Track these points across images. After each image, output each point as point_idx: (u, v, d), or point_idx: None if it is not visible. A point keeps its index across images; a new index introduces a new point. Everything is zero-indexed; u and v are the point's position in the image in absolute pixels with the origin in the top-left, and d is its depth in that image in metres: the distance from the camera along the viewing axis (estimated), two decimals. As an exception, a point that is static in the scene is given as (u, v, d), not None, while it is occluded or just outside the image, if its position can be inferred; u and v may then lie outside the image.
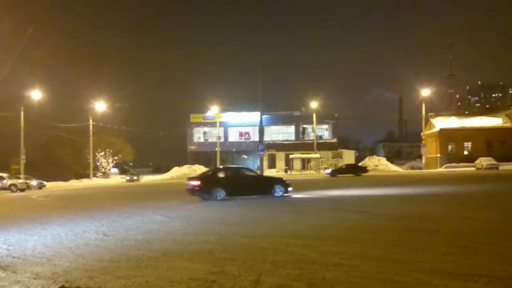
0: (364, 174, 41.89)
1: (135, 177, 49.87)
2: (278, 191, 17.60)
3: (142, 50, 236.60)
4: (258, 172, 27.64)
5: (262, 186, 18.06)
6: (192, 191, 17.38)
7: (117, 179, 54.04)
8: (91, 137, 51.92)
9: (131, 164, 77.06)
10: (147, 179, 53.20)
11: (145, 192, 26.42)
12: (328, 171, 45.38)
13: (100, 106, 53.22)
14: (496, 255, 6.00)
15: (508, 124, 59.08)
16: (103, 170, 57.57)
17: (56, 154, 57.61)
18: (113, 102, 55.51)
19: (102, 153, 56.93)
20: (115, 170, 65.64)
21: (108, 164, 58.39)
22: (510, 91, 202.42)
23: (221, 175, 18.40)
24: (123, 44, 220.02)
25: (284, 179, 19.11)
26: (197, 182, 17.45)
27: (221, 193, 16.92)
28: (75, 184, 45.34)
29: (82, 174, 53.38)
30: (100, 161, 56.86)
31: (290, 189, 18.07)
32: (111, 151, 58.12)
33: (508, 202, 13.86)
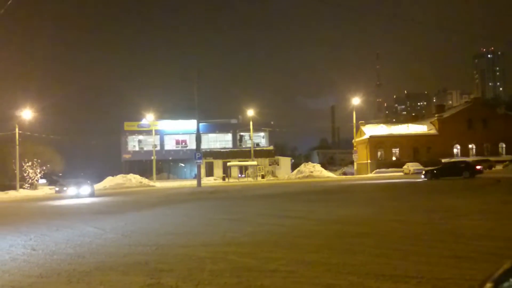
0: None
1: (64, 188, 47.54)
2: None
3: (74, 56, 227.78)
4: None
5: None
6: None
7: (45, 190, 51.30)
8: (17, 147, 48.99)
9: (60, 174, 73.55)
10: (79, 189, 50.85)
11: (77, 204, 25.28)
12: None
13: (27, 114, 50.45)
14: (424, 256, 6.31)
15: (433, 131, 62.82)
16: (30, 181, 54.40)
17: (-21, 165, 53.72)
18: (41, 110, 52.83)
19: (30, 163, 53.80)
20: (44, 181, 62.30)
21: (36, 174, 55.25)
22: (434, 100, 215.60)
23: None
24: (53, 49, 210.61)
25: None
26: None
27: None
28: (0, 196, 42.55)
29: (8, 185, 49.99)
30: (27, 171, 53.70)
31: None
32: (39, 161, 55.05)
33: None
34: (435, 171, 32.88)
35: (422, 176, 33.22)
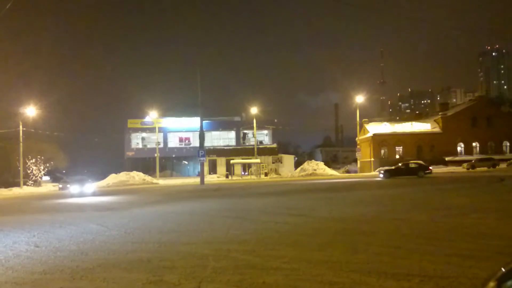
0: None
1: (68, 186, 47.67)
2: None
3: (77, 54, 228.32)
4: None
5: None
6: None
7: (49, 187, 51.47)
8: (21, 144, 49.17)
9: (64, 171, 73.80)
10: (82, 187, 50.95)
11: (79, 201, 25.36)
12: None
13: (31, 111, 50.63)
14: (427, 254, 6.30)
15: (436, 129, 62.58)
16: (34, 178, 54.60)
17: (-18, 162, 53.95)
18: (45, 107, 52.99)
19: (33, 161, 54.01)
20: (47, 178, 62.54)
21: (40, 171, 55.46)
22: (438, 98, 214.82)
23: None
24: (55, 47, 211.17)
25: None
26: None
27: None
28: (4, 193, 42.66)
29: (12, 182, 50.20)
30: (31, 168, 53.90)
31: None
32: (42, 158, 55.27)
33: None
34: (392, 171, 36.52)
35: (380, 175, 36.36)
